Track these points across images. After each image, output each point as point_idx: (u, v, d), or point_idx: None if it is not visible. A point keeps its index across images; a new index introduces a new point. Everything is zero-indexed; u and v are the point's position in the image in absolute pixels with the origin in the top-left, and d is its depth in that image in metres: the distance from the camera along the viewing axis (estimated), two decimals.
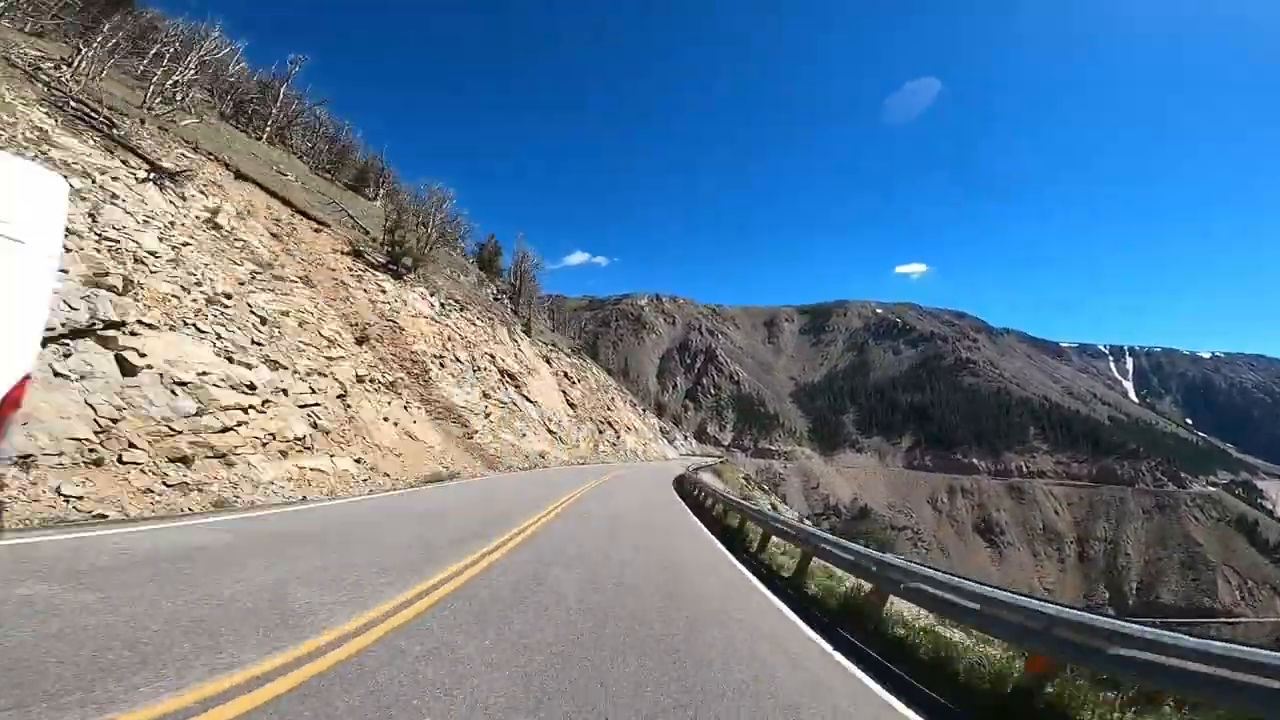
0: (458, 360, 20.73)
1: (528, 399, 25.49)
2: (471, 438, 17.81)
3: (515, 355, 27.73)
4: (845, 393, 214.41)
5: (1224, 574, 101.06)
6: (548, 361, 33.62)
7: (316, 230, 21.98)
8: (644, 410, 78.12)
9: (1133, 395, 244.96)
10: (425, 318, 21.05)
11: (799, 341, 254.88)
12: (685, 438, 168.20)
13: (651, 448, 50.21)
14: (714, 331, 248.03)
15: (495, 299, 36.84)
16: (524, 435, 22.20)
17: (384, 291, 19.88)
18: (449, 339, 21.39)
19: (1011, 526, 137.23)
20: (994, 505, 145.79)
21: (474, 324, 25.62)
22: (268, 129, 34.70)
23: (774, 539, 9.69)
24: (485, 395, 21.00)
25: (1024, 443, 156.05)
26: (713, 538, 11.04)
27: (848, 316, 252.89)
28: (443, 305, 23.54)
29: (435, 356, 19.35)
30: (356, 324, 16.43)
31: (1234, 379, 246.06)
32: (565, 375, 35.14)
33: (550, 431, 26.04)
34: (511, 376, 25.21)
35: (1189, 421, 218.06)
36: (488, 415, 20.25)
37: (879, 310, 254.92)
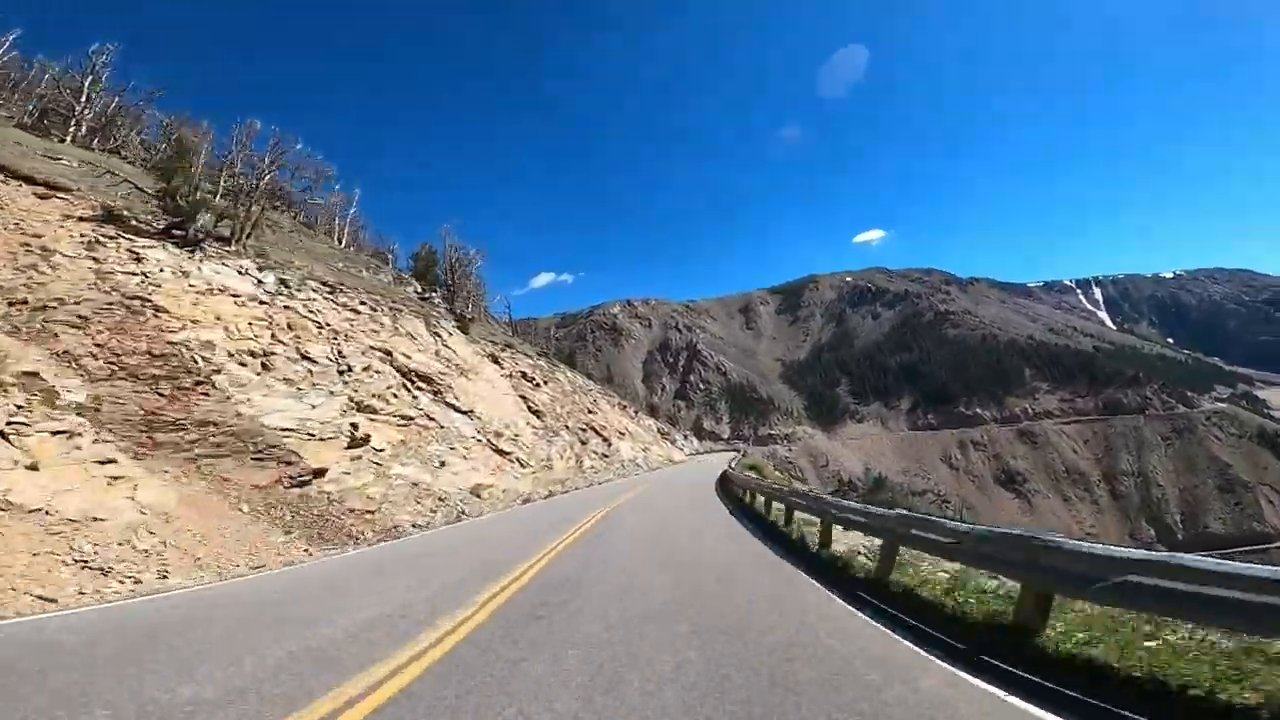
0: (303, 359, 11.27)
1: (455, 408, 15.77)
2: (302, 484, 8.19)
3: (436, 352, 18.13)
4: (833, 365, 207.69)
5: (1264, 494, 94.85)
6: (495, 361, 23.91)
7: (43, 197, 11.87)
8: (637, 412, 67.86)
9: (1110, 324, 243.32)
10: (236, 298, 11.63)
11: (777, 322, 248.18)
12: (685, 437, 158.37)
13: (653, 452, 41.27)
14: (692, 327, 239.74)
15: (422, 297, 26.88)
16: (442, 464, 13.12)
17: (139, 260, 10.24)
18: (287, 327, 12.05)
19: (1033, 473, 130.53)
20: (1009, 454, 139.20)
21: (351, 310, 15.96)
22: (72, 130, 25.01)
23: None
24: (359, 407, 11.47)
25: (1022, 385, 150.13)
26: None
27: (820, 290, 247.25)
28: (283, 283, 13.79)
29: (244, 353, 10.03)
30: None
31: (1202, 294, 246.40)
32: (524, 376, 25.49)
33: (499, 451, 16.37)
34: (425, 379, 15.61)
35: (1170, 341, 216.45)
36: (357, 441, 10.74)
37: (849, 279, 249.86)
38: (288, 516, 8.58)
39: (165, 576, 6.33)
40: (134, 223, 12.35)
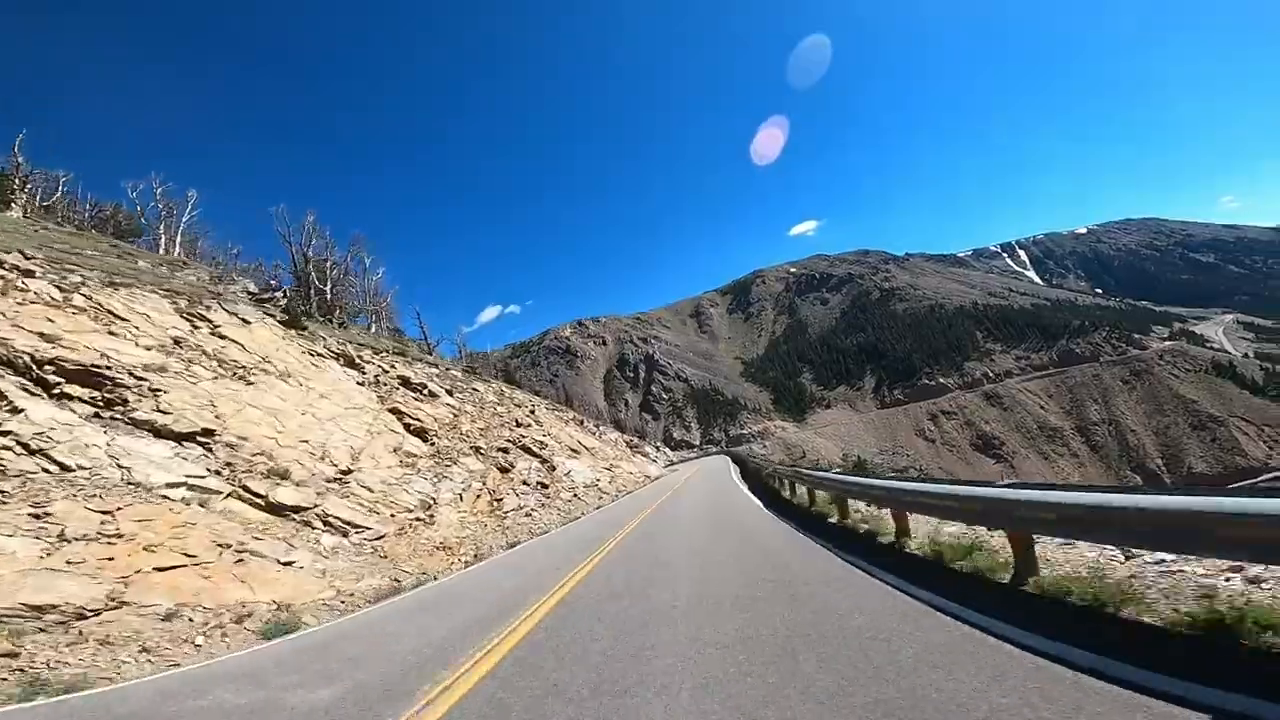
0: None
1: (144, 426, 6.88)
2: None
3: (176, 340, 9.52)
4: (792, 355, 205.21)
5: (1237, 427, 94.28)
6: (351, 365, 15.24)
7: None
8: (599, 426, 57.90)
9: (1039, 281, 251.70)
10: None
11: (730, 321, 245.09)
12: (657, 448, 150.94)
13: (622, 471, 33.38)
14: (646, 339, 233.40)
15: (217, 280, 17.61)
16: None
17: None
18: None
19: (1008, 435, 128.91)
20: (980, 418, 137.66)
21: None
22: None
23: None
24: None
25: (977, 349, 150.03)
26: None
27: (767, 284, 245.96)
28: None
29: None
30: None
31: (1118, 244, 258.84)
32: (406, 384, 16.84)
33: (266, 506, 7.65)
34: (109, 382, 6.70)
35: (1099, 291, 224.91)
36: None
37: (793, 270, 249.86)
38: None
39: None
40: None
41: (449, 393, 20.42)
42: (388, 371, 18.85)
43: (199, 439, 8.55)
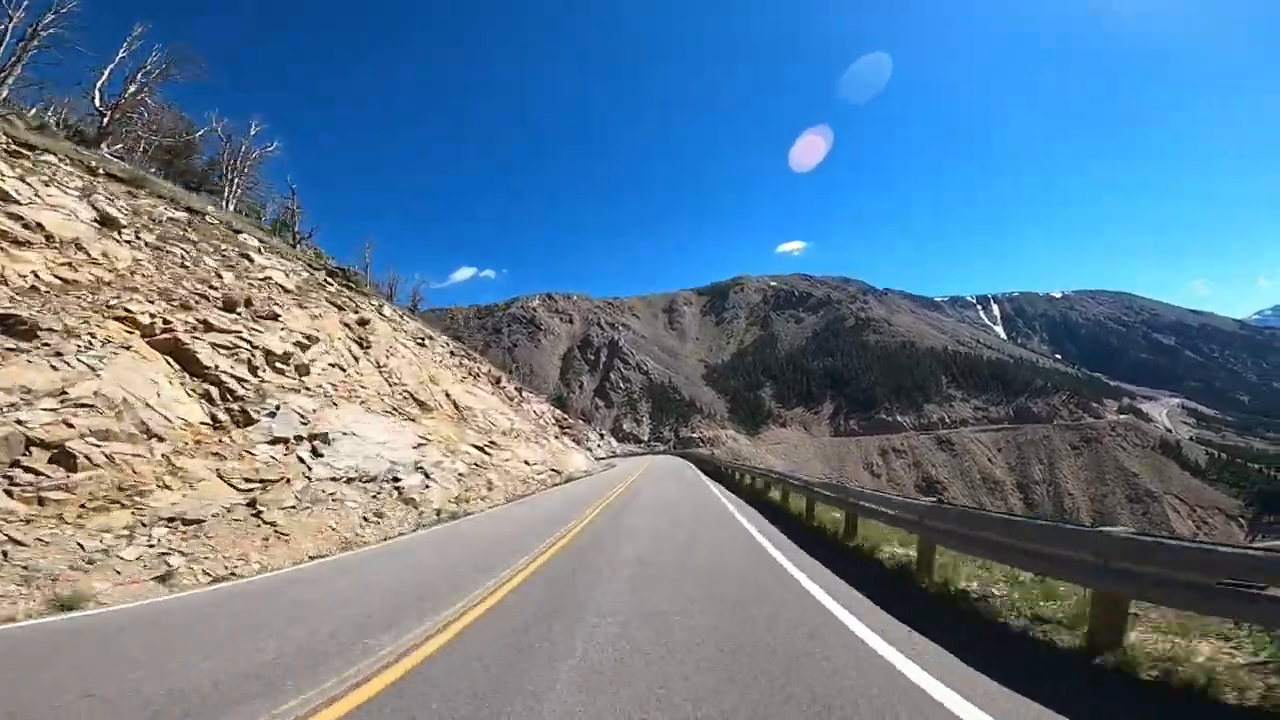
0: None
1: None
2: None
3: None
4: (757, 368, 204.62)
5: (1170, 504, 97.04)
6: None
7: None
8: (523, 393, 48.74)
9: (1004, 338, 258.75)
10: None
11: (702, 323, 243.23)
12: (602, 436, 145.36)
13: (516, 460, 22.60)
14: (614, 324, 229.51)
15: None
16: None
17: None
18: None
19: (952, 481, 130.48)
20: (929, 461, 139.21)
21: None
22: None
23: None
24: None
25: (940, 393, 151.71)
26: None
27: (745, 292, 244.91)
28: None
29: None
30: None
31: (1087, 313, 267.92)
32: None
33: None
34: None
35: (1058, 357, 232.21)
36: None
37: (773, 283, 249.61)
38: None
39: None
40: None
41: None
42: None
43: None
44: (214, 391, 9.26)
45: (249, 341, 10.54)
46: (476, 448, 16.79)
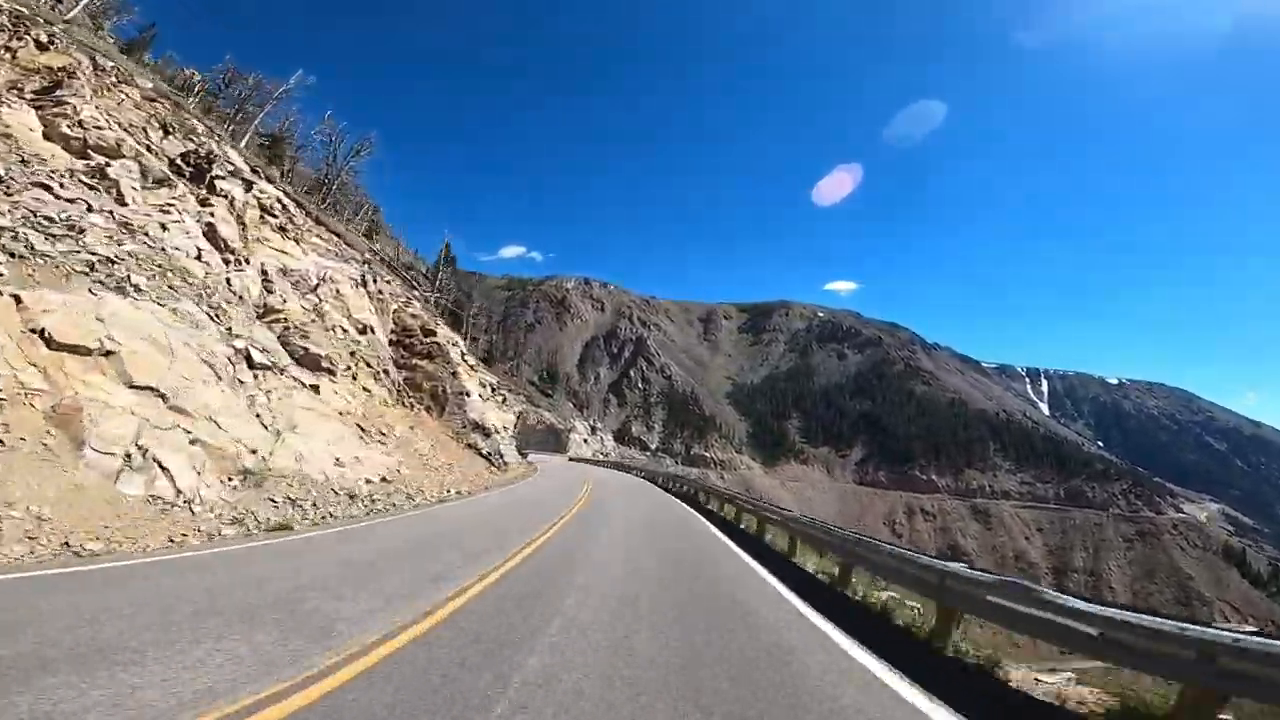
0: None
1: None
2: None
3: None
4: (788, 397, 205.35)
5: (1220, 610, 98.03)
6: None
7: None
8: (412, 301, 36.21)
9: (1048, 415, 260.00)
10: None
11: (737, 340, 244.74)
12: (595, 430, 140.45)
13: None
14: (646, 322, 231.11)
15: None
16: None
17: None
18: None
19: (981, 554, 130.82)
20: (959, 529, 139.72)
21: None
22: None
23: None
24: None
25: (985, 460, 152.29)
26: None
27: (789, 317, 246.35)
28: None
29: None
30: None
31: (1141, 405, 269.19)
32: None
33: None
34: None
35: (1100, 444, 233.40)
36: None
37: (821, 314, 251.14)
38: None
39: None
40: None
41: None
42: None
43: None
44: None
45: None
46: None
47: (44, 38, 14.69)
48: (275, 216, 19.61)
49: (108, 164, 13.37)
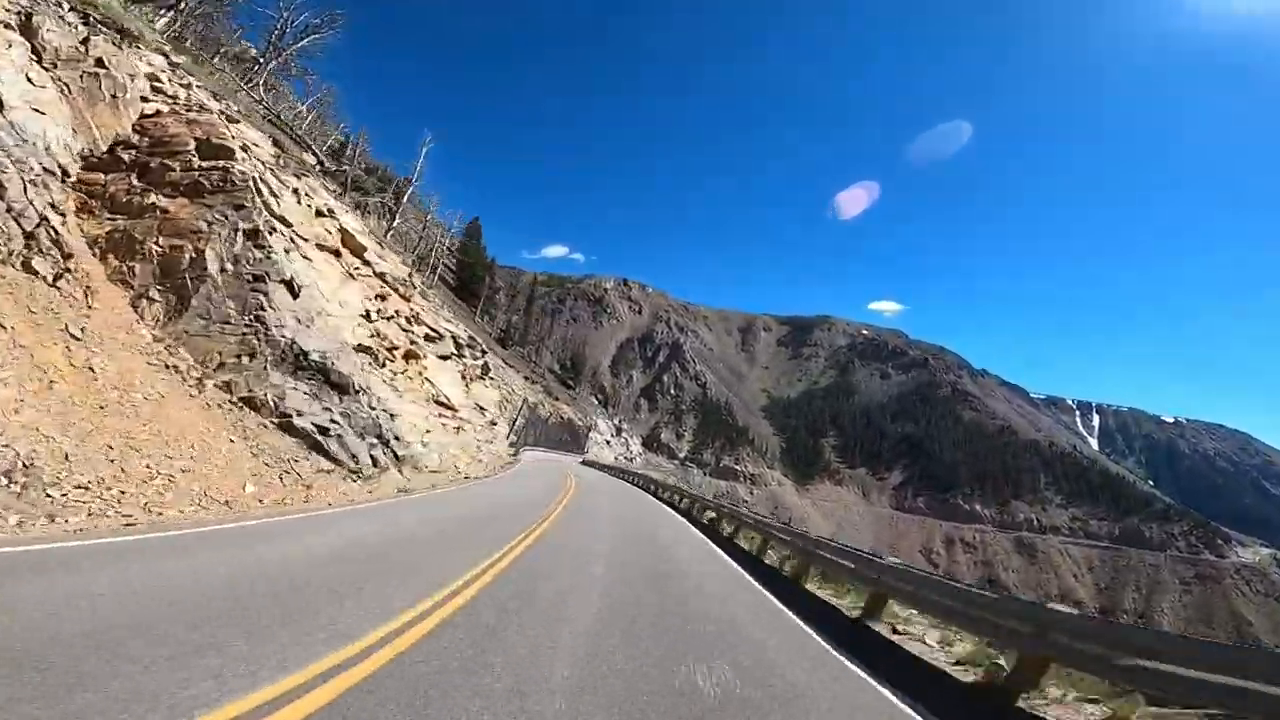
0: None
1: None
2: None
3: None
4: (826, 414, 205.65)
5: None
6: None
7: None
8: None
9: (1096, 450, 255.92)
10: None
11: (776, 353, 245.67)
12: (619, 432, 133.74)
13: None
14: (683, 328, 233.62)
15: None
16: None
17: None
18: None
19: (1023, 589, 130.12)
20: (1001, 563, 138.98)
21: None
22: None
23: None
24: None
25: (1035, 492, 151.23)
26: None
27: (832, 333, 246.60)
28: None
29: None
30: None
31: (1197, 445, 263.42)
32: None
33: None
34: None
35: (1151, 483, 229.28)
36: None
37: (865, 332, 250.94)
38: None
39: None
40: None
41: None
42: None
43: None
44: None
45: None
46: None
47: None
48: None
49: None
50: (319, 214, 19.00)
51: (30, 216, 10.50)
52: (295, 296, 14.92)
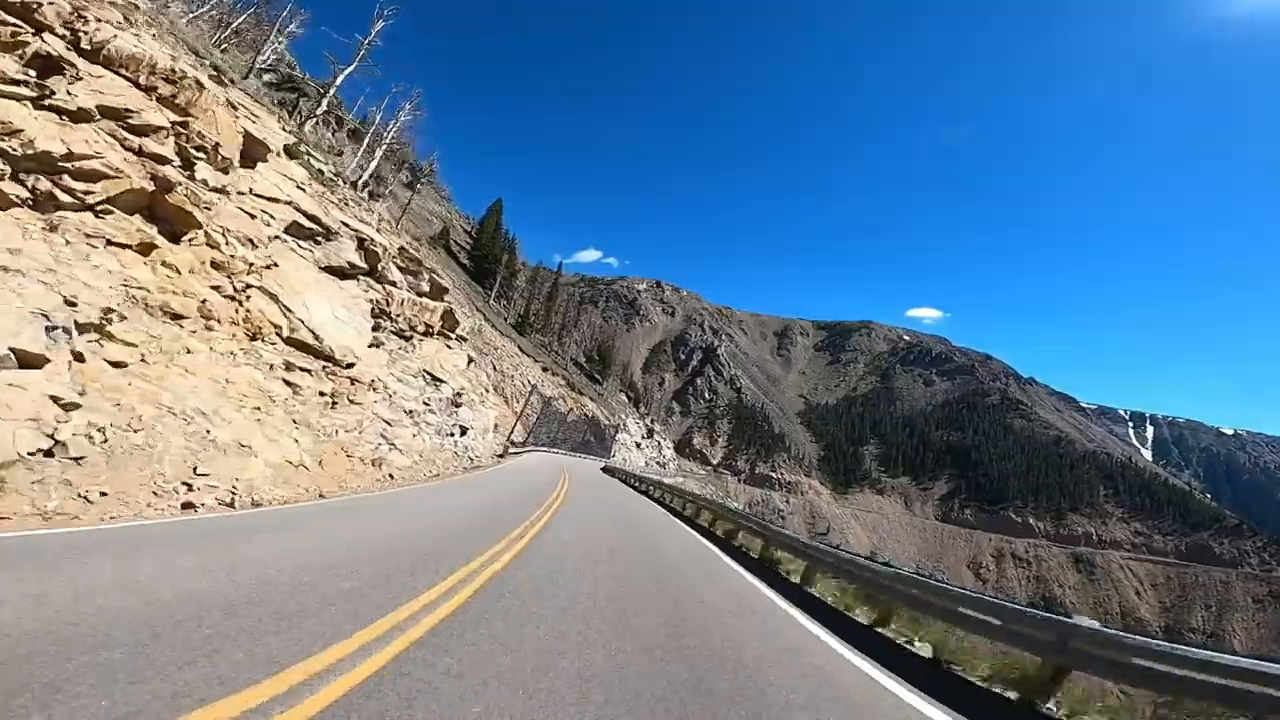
0: None
1: None
2: None
3: None
4: (865, 421, 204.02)
5: None
6: None
7: None
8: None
9: (1151, 462, 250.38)
10: None
11: (813, 358, 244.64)
12: (650, 431, 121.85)
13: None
14: (718, 331, 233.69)
15: None
16: None
17: None
18: None
19: (1080, 606, 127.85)
20: (1056, 579, 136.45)
21: None
22: None
23: None
24: None
25: (1093, 505, 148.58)
26: None
27: (872, 338, 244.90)
28: None
29: None
30: None
31: (1257, 458, 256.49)
32: None
33: None
34: None
35: (1208, 496, 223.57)
36: None
37: (906, 337, 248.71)
38: None
39: None
40: None
41: None
42: None
43: None
44: None
45: None
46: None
47: None
48: None
49: None
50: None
51: None
52: None
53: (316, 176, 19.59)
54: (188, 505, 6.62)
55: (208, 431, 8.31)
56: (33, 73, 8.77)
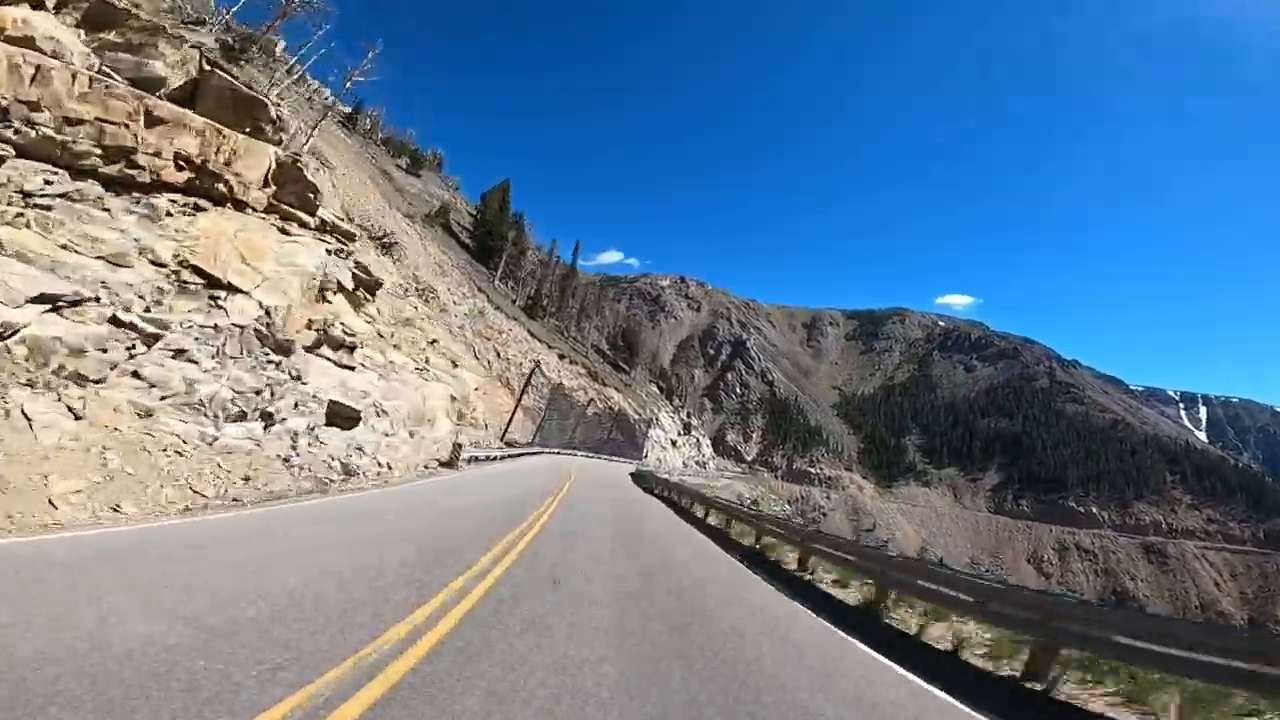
0: None
1: None
2: None
3: None
4: (905, 411, 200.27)
5: None
6: None
7: None
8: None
9: (1207, 443, 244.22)
10: None
11: (845, 348, 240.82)
12: (687, 426, 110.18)
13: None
14: (745, 324, 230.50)
15: None
16: None
17: None
18: None
19: (1154, 599, 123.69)
20: (1126, 571, 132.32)
21: None
22: None
23: None
24: None
25: (1161, 492, 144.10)
26: None
27: (906, 325, 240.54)
28: None
29: None
30: None
31: None
32: None
33: None
34: None
35: (1269, 479, 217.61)
36: None
37: (942, 323, 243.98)
38: None
39: None
40: None
41: None
42: None
43: None
44: None
45: None
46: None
47: None
48: None
49: None
50: None
51: None
52: None
53: None
54: None
55: None
56: None
